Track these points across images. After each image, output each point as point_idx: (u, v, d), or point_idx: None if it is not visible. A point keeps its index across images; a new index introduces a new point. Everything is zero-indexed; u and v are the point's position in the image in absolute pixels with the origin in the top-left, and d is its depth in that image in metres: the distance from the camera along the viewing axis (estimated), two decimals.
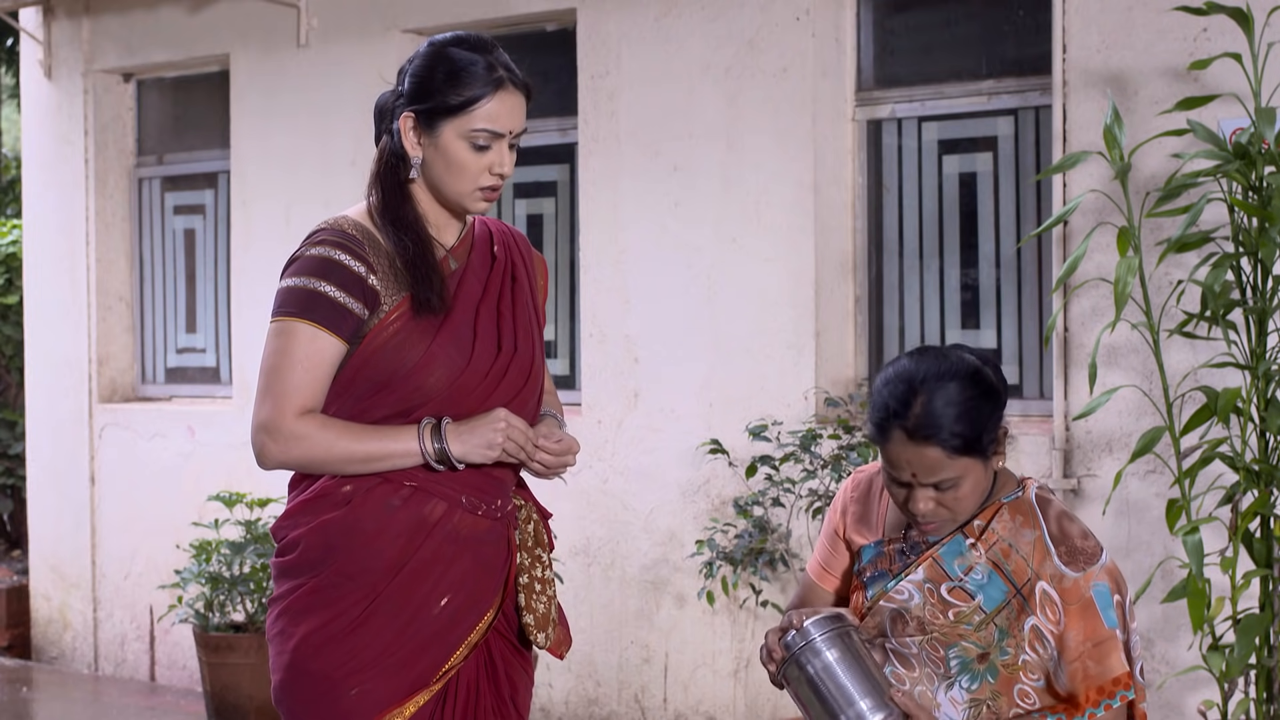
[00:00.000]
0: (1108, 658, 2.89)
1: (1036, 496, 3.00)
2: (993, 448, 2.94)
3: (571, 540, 6.23)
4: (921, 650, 2.98)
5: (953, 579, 2.95)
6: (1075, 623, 2.89)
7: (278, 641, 2.99)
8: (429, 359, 2.94)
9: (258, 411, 2.94)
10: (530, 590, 3.07)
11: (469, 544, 2.99)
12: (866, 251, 5.93)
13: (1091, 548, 2.94)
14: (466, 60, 2.96)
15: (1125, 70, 5.17)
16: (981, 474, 2.93)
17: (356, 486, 2.95)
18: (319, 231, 2.98)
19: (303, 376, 2.91)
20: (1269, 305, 4.31)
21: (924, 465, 2.88)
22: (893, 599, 3.00)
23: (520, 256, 3.13)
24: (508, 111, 2.96)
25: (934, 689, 2.97)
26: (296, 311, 2.92)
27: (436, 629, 2.97)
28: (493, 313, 3.03)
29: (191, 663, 7.41)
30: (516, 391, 3.03)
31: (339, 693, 2.93)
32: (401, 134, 2.97)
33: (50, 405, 8.09)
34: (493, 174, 2.97)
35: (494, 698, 3.06)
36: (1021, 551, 2.94)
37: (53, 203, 8.08)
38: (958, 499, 2.91)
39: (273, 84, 7.28)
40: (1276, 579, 4.33)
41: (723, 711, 6.06)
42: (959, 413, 2.87)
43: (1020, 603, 2.92)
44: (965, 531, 2.97)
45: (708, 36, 6.05)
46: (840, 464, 5.45)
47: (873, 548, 3.07)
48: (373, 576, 2.94)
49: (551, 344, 6.70)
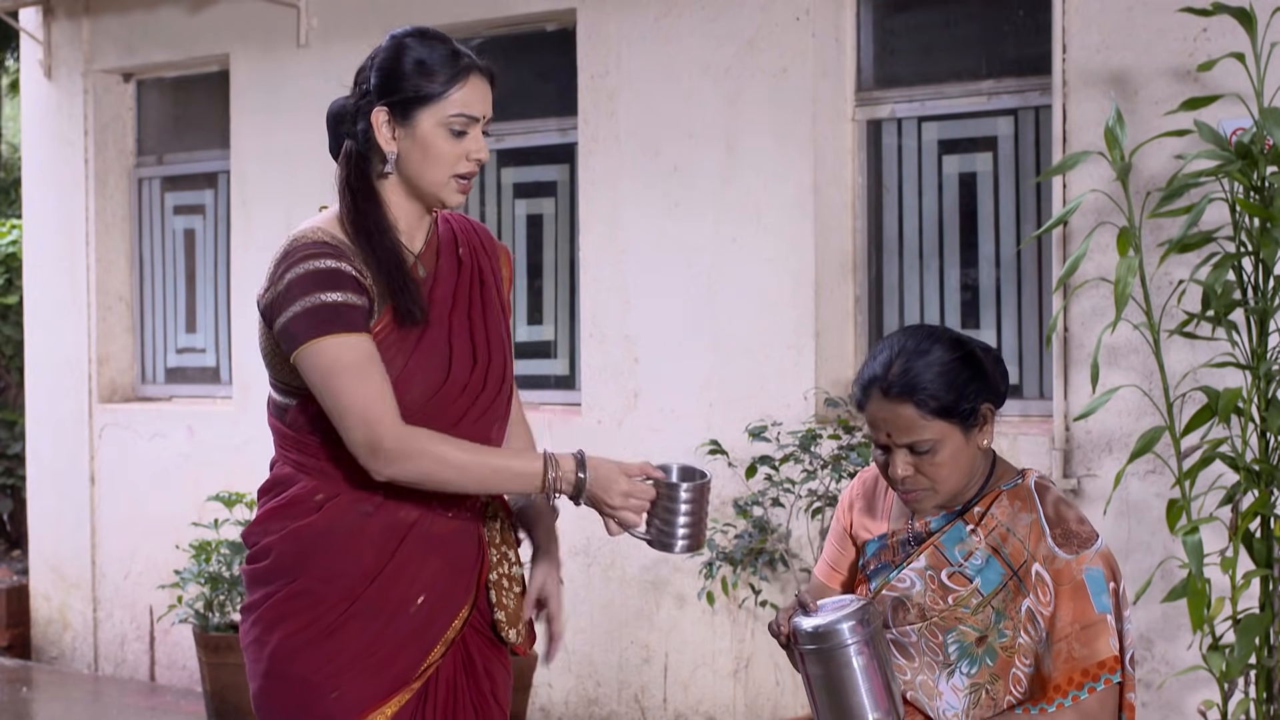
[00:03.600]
0: (1095, 641, 2.89)
1: (1035, 484, 3.02)
2: (973, 419, 2.95)
3: (571, 540, 6.23)
4: (921, 638, 2.99)
5: (953, 564, 2.97)
6: (1065, 604, 2.90)
7: (253, 649, 2.98)
8: (407, 375, 2.91)
9: (350, 436, 2.85)
10: (500, 587, 3.07)
11: (439, 543, 2.98)
12: (866, 251, 5.93)
13: (1087, 532, 2.95)
14: (431, 49, 2.96)
15: (1125, 70, 5.17)
16: (961, 445, 2.94)
17: (328, 493, 2.94)
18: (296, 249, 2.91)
19: (369, 384, 2.84)
20: (1270, 305, 4.31)
21: (899, 424, 2.92)
22: (895, 587, 3.02)
23: (485, 255, 3.11)
24: (480, 96, 2.97)
25: (935, 678, 2.99)
26: (319, 331, 2.85)
27: (414, 628, 2.96)
28: (465, 321, 3.01)
29: (191, 663, 7.41)
30: (491, 402, 3.02)
31: (318, 695, 2.92)
32: (374, 129, 2.94)
33: (50, 405, 8.09)
34: (470, 160, 2.96)
35: (473, 693, 3.06)
36: (1018, 535, 2.96)
37: (53, 203, 8.08)
38: (935, 466, 2.93)
39: (273, 84, 7.27)
40: (1276, 579, 4.33)
41: (723, 711, 6.06)
42: (936, 374, 2.92)
43: (1016, 584, 2.94)
44: (966, 518, 2.99)
45: (707, 36, 6.05)
46: (840, 464, 5.45)
47: (876, 541, 3.10)
48: (350, 580, 2.93)
49: (551, 344, 6.70)
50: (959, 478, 2.96)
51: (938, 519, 3.03)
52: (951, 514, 3.02)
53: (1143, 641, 5.16)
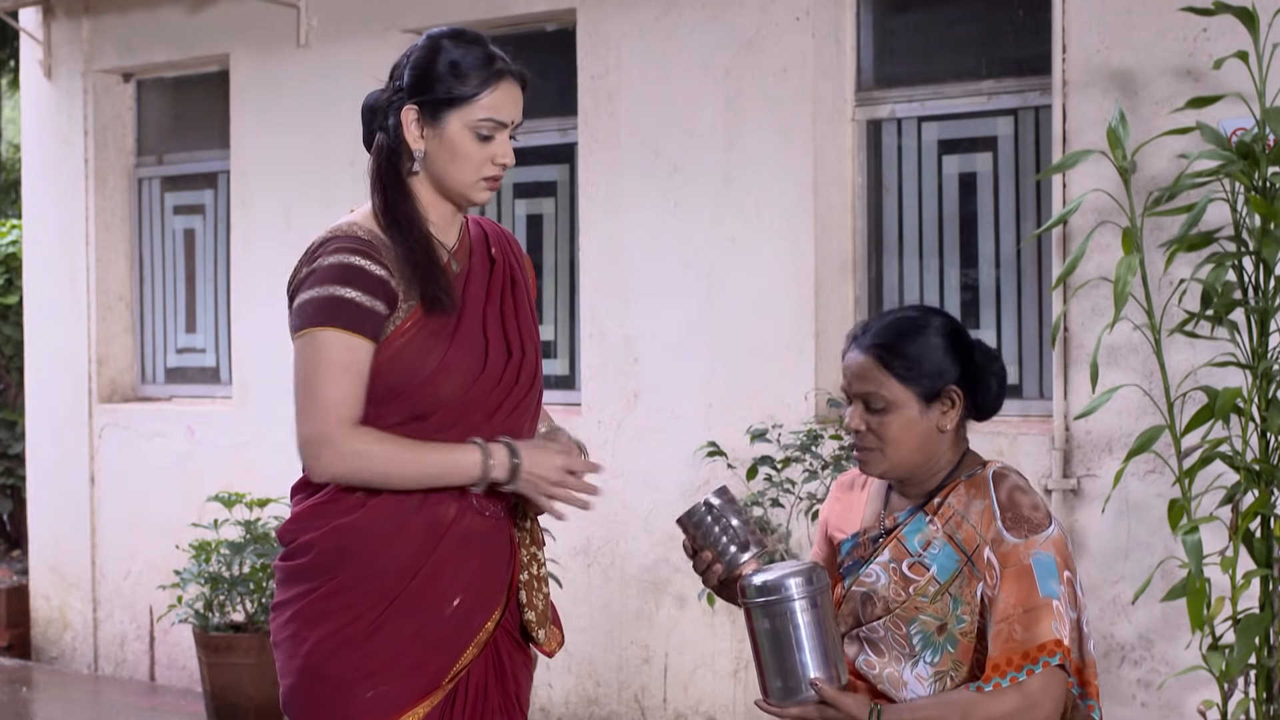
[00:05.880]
0: (1037, 624, 2.90)
1: (994, 473, 3.04)
2: (934, 395, 2.99)
3: (571, 540, 6.23)
4: (887, 632, 3.02)
5: (912, 555, 3.00)
6: (1009, 586, 2.92)
7: (288, 646, 2.97)
8: (445, 366, 2.93)
9: (302, 426, 2.90)
10: (530, 588, 3.08)
11: (477, 544, 3.00)
12: (866, 251, 5.93)
13: (1039, 518, 2.97)
14: (467, 51, 2.98)
15: (1126, 70, 5.17)
16: (915, 417, 2.99)
17: (370, 490, 2.95)
18: (331, 239, 2.95)
19: (342, 385, 2.89)
20: (1270, 305, 4.31)
21: (859, 374, 3.01)
22: (863, 583, 3.05)
23: (515, 258, 3.14)
24: (510, 102, 3.00)
25: (901, 669, 3.01)
26: (324, 320, 2.89)
27: (449, 630, 2.97)
28: (498, 316, 3.03)
29: (191, 663, 7.40)
30: (524, 396, 3.04)
31: (354, 695, 2.92)
32: (403, 127, 2.97)
33: (50, 405, 8.09)
34: (495, 164, 2.99)
35: (501, 695, 3.07)
36: (971, 520, 2.98)
37: (53, 203, 8.08)
38: (885, 427, 2.99)
39: (273, 84, 7.27)
40: (1276, 579, 4.33)
41: (722, 712, 6.06)
42: (911, 340, 2.99)
43: (970, 569, 2.96)
44: (925, 509, 3.03)
45: (707, 36, 6.05)
46: (841, 465, 5.44)
47: (850, 540, 3.13)
48: (389, 579, 2.93)
49: (551, 344, 6.70)
50: (909, 450, 3.00)
51: (904, 513, 3.06)
52: (915, 507, 3.05)
53: (1143, 641, 5.16)
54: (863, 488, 3.18)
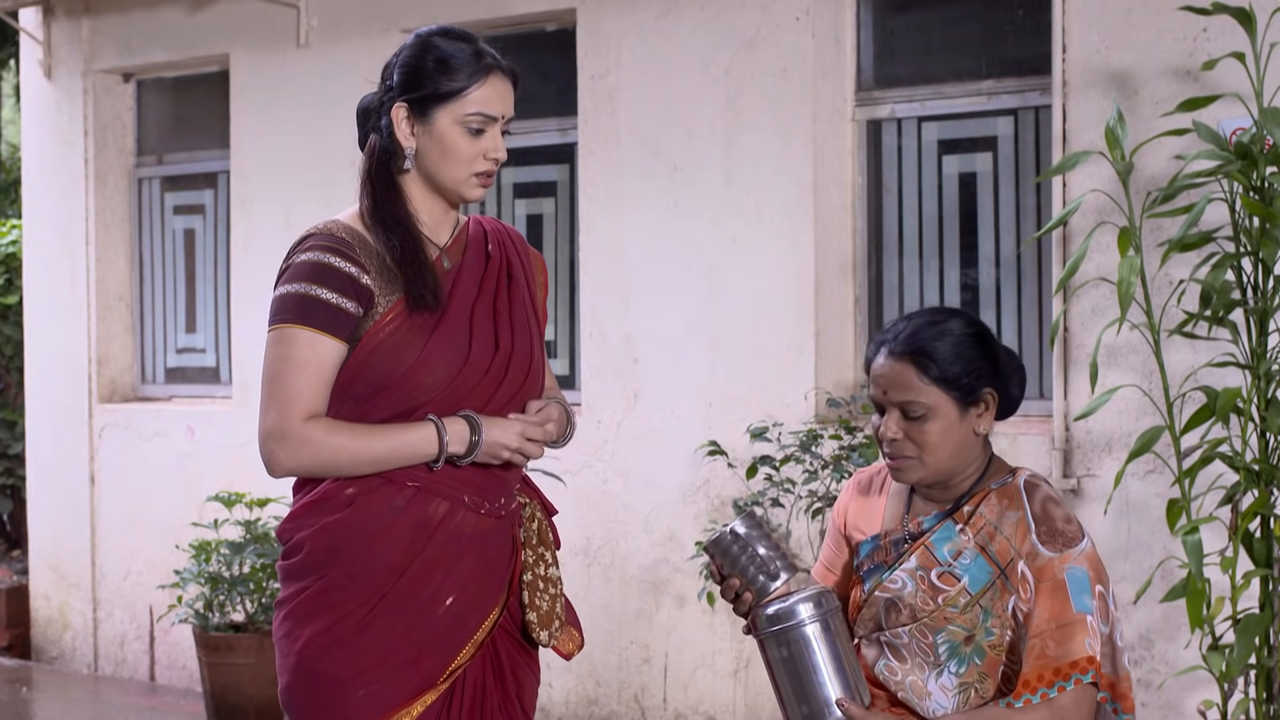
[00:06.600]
0: (1070, 640, 2.88)
1: (1025, 482, 3.01)
2: (972, 398, 2.96)
3: (571, 540, 6.23)
4: (912, 639, 2.99)
5: (942, 564, 2.97)
6: (1044, 601, 2.89)
7: (284, 644, 3.00)
8: (425, 358, 2.95)
9: (263, 420, 2.94)
10: (534, 588, 3.08)
11: (473, 543, 3.00)
12: (866, 251, 5.93)
13: (1073, 531, 2.94)
14: (455, 48, 2.99)
15: (1125, 70, 5.17)
16: (954, 421, 2.95)
17: (359, 488, 2.96)
18: (308, 237, 2.99)
19: (305, 381, 2.92)
20: (1270, 305, 4.31)
21: (896, 382, 2.95)
22: (887, 589, 3.02)
23: (517, 255, 3.14)
24: (499, 96, 3.00)
25: (924, 677, 2.98)
26: (293, 318, 2.93)
27: (442, 629, 2.97)
28: (489, 311, 3.04)
29: (191, 663, 7.41)
30: (517, 389, 3.04)
31: (347, 694, 2.94)
32: (394, 125, 2.99)
33: (50, 405, 8.09)
34: (487, 159, 3.00)
35: (500, 696, 3.07)
36: (1005, 533, 2.95)
37: (53, 203, 8.08)
38: (924, 434, 2.94)
39: (272, 84, 7.28)
40: (1276, 579, 4.33)
41: (722, 712, 6.06)
42: (944, 343, 2.95)
43: (1003, 582, 2.93)
44: (955, 518, 2.99)
45: (707, 36, 6.05)
46: (841, 465, 5.44)
47: (870, 542, 3.09)
48: (377, 577, 2.95)
49: (551, 344, 6.70)
50: (947, 455, 2.96)
51: (929, 518, 3.03)
52: (943, 513, 3.02)
53: (1143, 641, 5.16)
54: (881, 488, 3.13)
